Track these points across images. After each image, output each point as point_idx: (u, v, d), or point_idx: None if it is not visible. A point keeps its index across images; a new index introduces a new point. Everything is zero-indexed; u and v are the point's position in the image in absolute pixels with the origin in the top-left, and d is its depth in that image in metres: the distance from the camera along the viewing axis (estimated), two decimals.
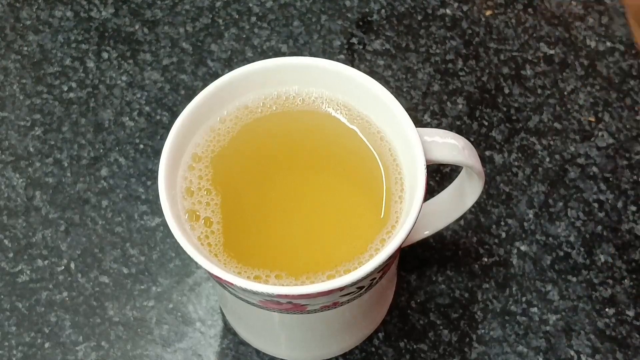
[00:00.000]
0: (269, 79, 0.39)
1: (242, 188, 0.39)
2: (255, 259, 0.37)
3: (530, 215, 0.49)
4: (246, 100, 0.40)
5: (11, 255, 0.48)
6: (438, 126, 0.52)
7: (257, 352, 0.45)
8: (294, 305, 0.36)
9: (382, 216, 0.37)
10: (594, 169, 0.50)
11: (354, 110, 0.40)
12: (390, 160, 0.38)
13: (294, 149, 0.40)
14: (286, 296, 0.34)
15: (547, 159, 0.51)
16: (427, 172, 0.36)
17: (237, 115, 0.40)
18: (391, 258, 0.35)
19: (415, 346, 0.46)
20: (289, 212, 0.38)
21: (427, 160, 0.36)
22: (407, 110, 0.38)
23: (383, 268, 0.36)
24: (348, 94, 0.39)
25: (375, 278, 0.37)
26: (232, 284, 0.34)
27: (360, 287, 0.36)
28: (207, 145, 0.39)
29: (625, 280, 0.47)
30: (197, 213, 0.37)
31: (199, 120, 0.39)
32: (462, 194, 0.42)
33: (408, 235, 0.35)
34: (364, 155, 0.39)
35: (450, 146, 0.37)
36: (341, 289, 0.34)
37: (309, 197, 0.39)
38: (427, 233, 0.44)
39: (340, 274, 0.36)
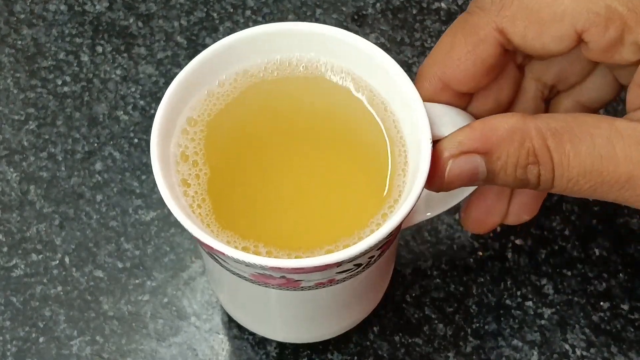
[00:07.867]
0: (271, 44, 0.38)
1: (238, 156, 0.37)
2: (249, 231, 0.35)
3: None
4: (247, 65, 0.38)
5: (5, 249, 0.48)
6: None
7: (252, 346, 0.45)
8: (288, 281, 0.35)
9: (385, 190, 0.36)
10: None
11: (359, 79, 0.38)
12: (395, 133, 0.37)
13: (295, 116, 0.38)
14: (279, 269, 0.33)
15: None
16: (433, 147, 0.35)
17: (237, 79, 0.38)
18: (392, 235, 0.34)
19: (410, 340, 0.46)
20: (287, 184, 0.37)
21: (433, 136, 0.35)
22: None
23: (382, 246, 0.35)
24: (354, 62, 0.38)
25: (373, 256, 0.36)
26: (223, 254, 0.33)
27: (357, 265, 0.35)
28: (203, 109, 0.37)
29: (620, 274, 0.47)
30: (189, 181, 0.36)
31: (196, 83, 0.37)
32: None
33: (411, 210, 0.34)
34: (367, 126, 0.37)
35: (458, 123, 0.36)
36: (338, 264, 0.33)
37: (309, 168, 0.37)
38: (429, 214, 0.42)
39: (339, 248, 0.35)
